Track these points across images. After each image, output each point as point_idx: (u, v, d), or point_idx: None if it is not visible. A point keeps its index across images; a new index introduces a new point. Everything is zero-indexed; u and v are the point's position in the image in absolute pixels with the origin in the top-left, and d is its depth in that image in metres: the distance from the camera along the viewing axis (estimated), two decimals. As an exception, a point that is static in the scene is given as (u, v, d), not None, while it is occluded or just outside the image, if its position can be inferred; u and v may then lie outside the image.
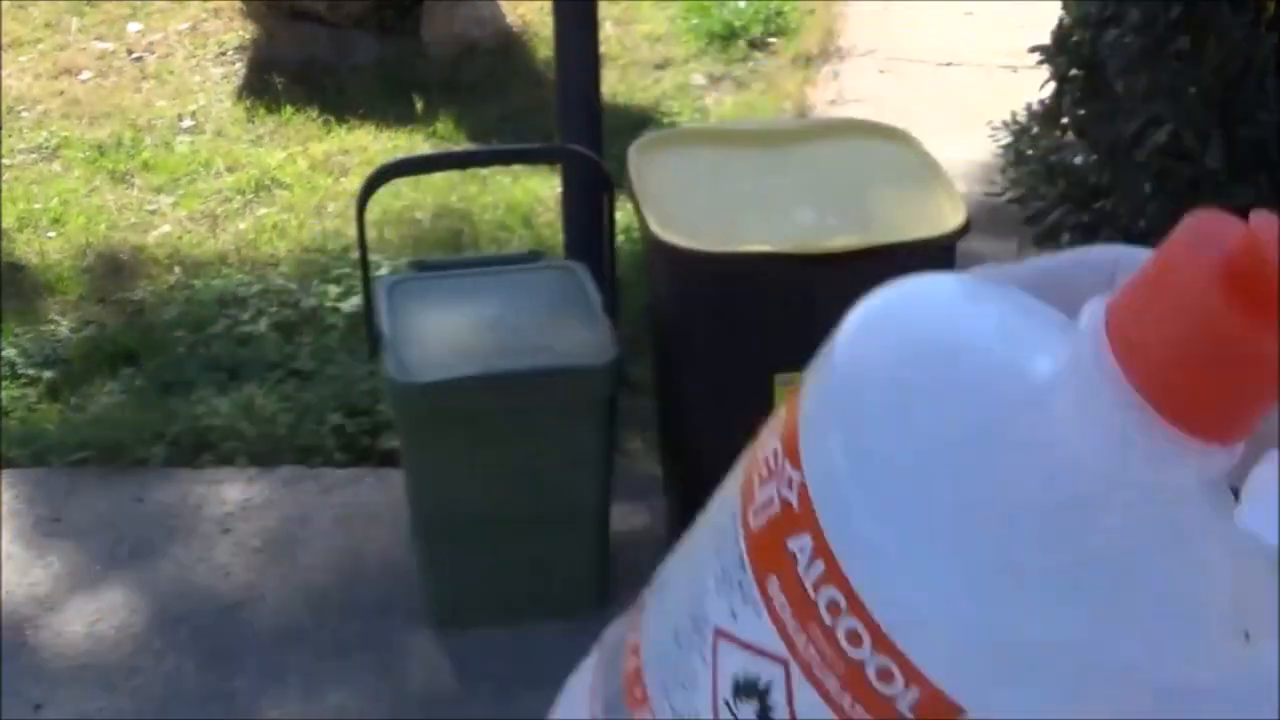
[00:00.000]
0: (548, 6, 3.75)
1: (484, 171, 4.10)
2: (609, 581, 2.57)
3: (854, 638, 0.35)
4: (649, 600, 0.42)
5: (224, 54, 5.12)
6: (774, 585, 0.36)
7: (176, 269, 3.82)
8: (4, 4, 5.41)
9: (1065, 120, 3.24)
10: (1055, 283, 0.39)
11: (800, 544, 0.36)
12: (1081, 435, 0.35)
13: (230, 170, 4.34)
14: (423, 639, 2.52)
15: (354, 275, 3.63)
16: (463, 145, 4.39)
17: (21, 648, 2.53)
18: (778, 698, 0.36)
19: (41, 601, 2.64)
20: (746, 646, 0.37)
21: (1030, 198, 3.30)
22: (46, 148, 4.53)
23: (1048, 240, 3.10)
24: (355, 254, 3.41)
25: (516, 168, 4.14)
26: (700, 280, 2.30)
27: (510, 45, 5.03)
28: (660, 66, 4.95)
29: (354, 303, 3.53)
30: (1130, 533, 0.35)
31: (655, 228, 2.28)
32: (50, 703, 2.42)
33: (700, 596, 0.38)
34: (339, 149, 4.43)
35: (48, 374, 3.35)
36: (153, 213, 4.14)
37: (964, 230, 2.27)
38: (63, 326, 3.56)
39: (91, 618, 2.59)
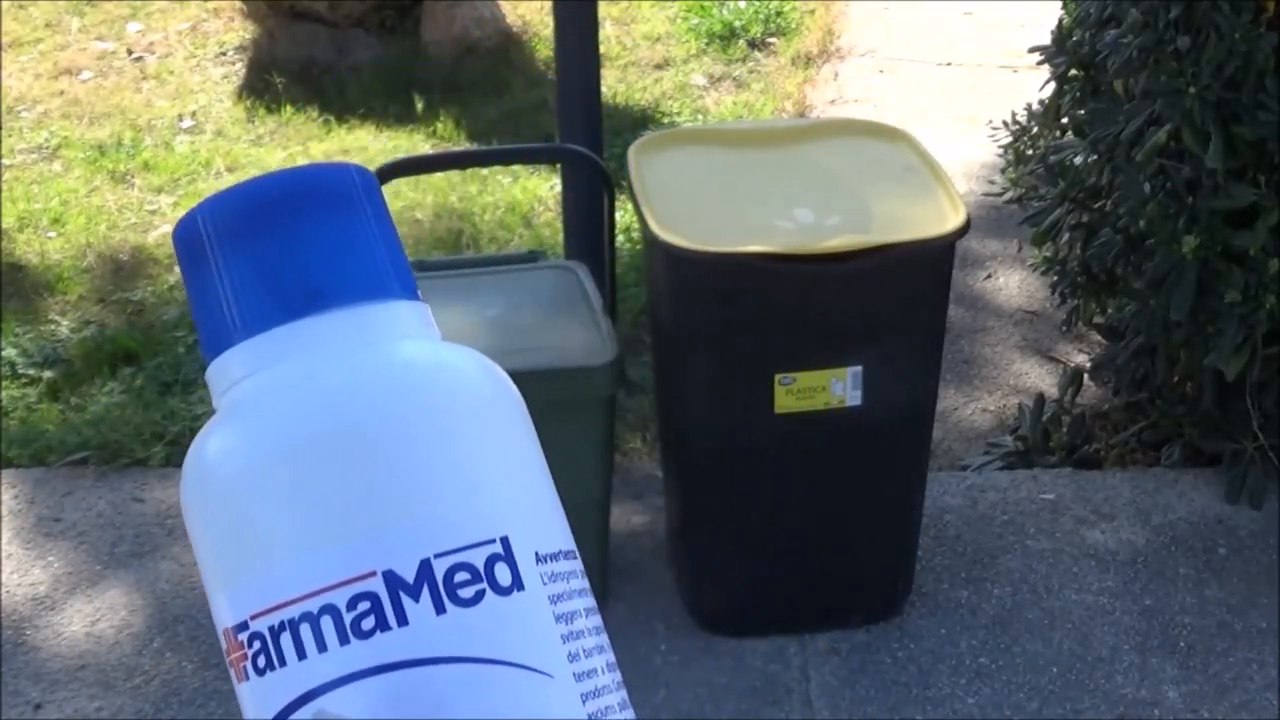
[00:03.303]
0: (548, 6, 3.75)
1: (484, 171, 4.10)
2: (608, 580, 2.57)
3: None
4: None
5: (224, 54, 5.12)
6: None
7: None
8: (4, 4, 5.41)
9: (1065, 120, 3.24)
10: None
11: None
12: None
13: (230, 170, 4.34)
14: (423, 639, 2.52)
15: (354, 275, 3.63)
16: (463, 145, 4.39)
17: (21, 648, 2.54)
18: None
19: (41, 601, 2.64)
20: None
21: (1030, 198, 3.30)
22: (46, 148, 4.53)
23: (1048, 240, 3.10)
24: (355, 254, 3.40)
25: (516, 168, 4.15)
26: (700, 280, 2.30)
27: (510, 45, 5.03)
28: (660, 66, 4.95)
29: (354, 303, 3.53)
30: None
31: (655, 228, 2.27)
32: (50, 703, 2.42)
33: None
34: (339, 149, 4.43)
35: (48, 374, 3.36)
36: (153, 213, 4.14)
37: (964, 230, 2.27)
38: (63, 326, 3.56)
39: (91, 617, 2.59)
